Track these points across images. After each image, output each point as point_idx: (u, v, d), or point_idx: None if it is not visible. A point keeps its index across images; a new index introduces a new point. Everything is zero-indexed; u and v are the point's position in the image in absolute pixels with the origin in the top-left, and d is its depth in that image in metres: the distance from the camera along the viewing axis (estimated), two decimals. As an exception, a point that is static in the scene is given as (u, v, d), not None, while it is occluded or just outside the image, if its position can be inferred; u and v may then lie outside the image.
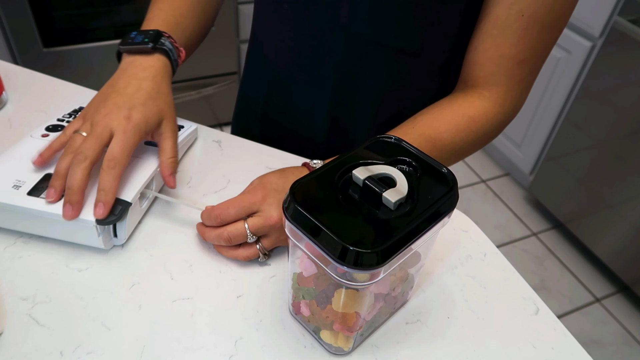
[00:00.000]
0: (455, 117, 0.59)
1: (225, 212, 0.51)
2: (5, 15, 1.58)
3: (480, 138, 0.61)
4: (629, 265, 1.64)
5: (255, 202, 0.52)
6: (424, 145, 0.57)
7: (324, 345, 0.48)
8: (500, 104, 0.59)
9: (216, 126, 2.15)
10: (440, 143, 0.58)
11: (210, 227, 0.53)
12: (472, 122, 0.59)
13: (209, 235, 0.53)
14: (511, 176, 2.15)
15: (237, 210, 0.51)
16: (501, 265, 0.58)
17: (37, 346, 0.45)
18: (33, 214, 0.52)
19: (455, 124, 0.58)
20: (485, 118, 0.59)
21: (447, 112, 0.59)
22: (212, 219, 0.52)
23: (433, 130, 0.58)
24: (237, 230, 0.51)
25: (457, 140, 0.59)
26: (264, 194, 0.52)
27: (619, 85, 1.54)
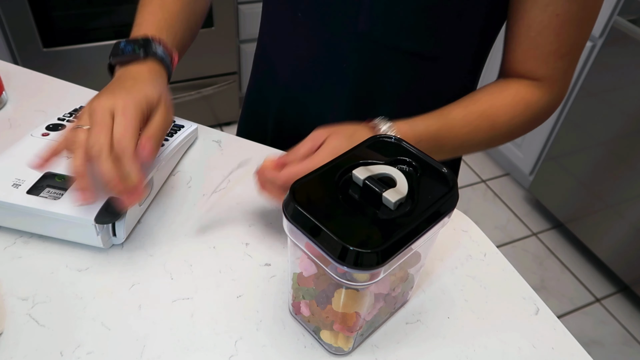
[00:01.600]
0: (513, 101, 0.60)
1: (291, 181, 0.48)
2: (5, 15, 1.58)
3: (531, 123, 0.62)
4: (629, 265, 1.64)
5: None
6: (484, 123, 0.59)
7: (324, 345, 0.48)
8: (549, 93, 0.61)
9: (216, 126, 2.15)
10: (498, 124, 0.60)
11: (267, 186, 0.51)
12: (528, 108, 0.60)
13: (265, 193, 0.51)
14: (511, 176, 2.15)
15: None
16: (501, 265, 0.58)
17: (37, 346, 0.45)
18: (32, 212, 0.52)
19: (513, 107, 0.60)
20: (538, 105, 0.61)
21: (506, 94, 0.60)
22: (275, 183, 0.50)
23: (493, 110, 0.59)
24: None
25: (512, 123, 0.60)
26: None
27: (619, 85, 1.54)
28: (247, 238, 0.57)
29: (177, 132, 0.65)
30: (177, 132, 0.65)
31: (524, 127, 0.62)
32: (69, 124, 0.64)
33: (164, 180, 0.63)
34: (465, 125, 0.58)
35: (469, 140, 0.59)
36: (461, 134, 0.58)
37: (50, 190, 0.54)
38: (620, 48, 1.52)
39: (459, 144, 0.59)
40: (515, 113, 0.60)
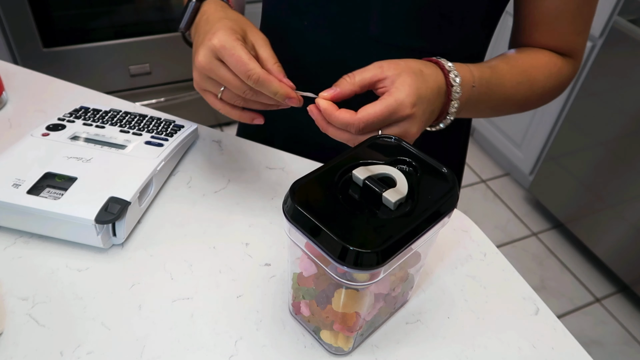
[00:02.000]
0: (549, 63, 0.61)
1: (370, 127, 0.46)
2: (5, 15, 1.58)
3: (558, 88, 0.63)
4: (629, 265, 1.64)
5: (402, 116, 0.47)
6: (525, 81, 0.59)
7: (324, 345, 0.48)
8: (571, 64, 0.63)
9: (216, 126, 2.15)
10: (536, 83, 0.60)
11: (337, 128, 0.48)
12: (560, 73, 0.62)
13: (333, 133, 0.48)
14: (511, 176, 2.15)
15: (381, 123, 0.47)
16: (501, 265, 0.58)
17: (37, 346, 0.45)
18: (32, 212, 0.52)
19: (549, 70, 0.61)
20: (567, 72, 0.63)
21: (541, 56, 0.61)
22: (351, 129, 0.47)
23: (533, 69, 0.60)
24: (368, 135, 0.47)
25: (546, 85, 0.61)
26: (413, 108, 0.46)
27: (619, 85, 1.54)
28: (247, 238, 0.57)
29: (177, 132, 0.65)
30: (177, 132, 0.65)
31: (552, 91, 0.63)
32: (70, 124, 0.64)
33: (164, 180, 0.63)
34: (510, 80, 0.58)
35: (512, 96, 0.59)
36: (506, 87, 0.58)
37: (50, 190, 0.54)
38: (620, 48, 1.51)
39: (504, 97, 0.58)
40: (551, 74, 0.61)
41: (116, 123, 0.65)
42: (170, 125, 0.67)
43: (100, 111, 0.67)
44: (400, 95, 0.46)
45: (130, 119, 0.66)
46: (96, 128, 0.64)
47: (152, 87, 1.91)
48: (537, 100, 0.63)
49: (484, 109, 0.58)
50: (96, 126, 0.64)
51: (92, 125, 0.64)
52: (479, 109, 0.57)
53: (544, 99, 0.63)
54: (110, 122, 0.65)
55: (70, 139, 0.61)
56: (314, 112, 0.49)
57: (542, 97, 0.63)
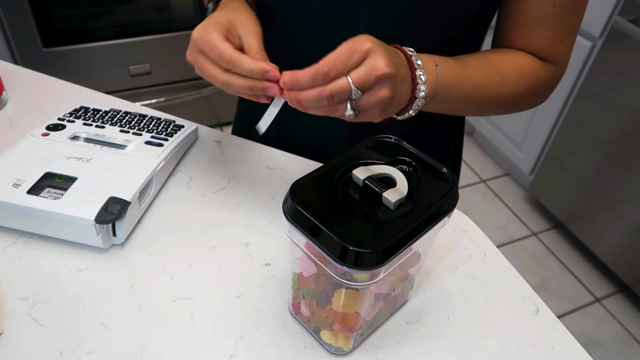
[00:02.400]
0: (521, 62, 0.60)
1: (334, 69, 0.45)
2: (5, 15, 1.58)
3: (535, 90, 0.62)
4: (629, 265, 1.64)
5: (363, 52, 0.45)
6: (495, 74, 0.58)
7: (324, 345, 0.48)
8: (551, 69, 0.62)
9: (216, 126, 2.15)
10: (507, 80, 0.59)
11: (308, 88, 0.46)
12: (535, 73, 0.60)
13: (307, 97, 0.46)
14: (511, 176, 2.14)
15: (344, 63, 0.45)
16: (501, 265, 0.58)
17: (37, 346, 0.45)
18: (32, 212, 0.52)
19: (522, 68, 0.59)
20: (544, 75, 0.61)
21: (514, 55, 0.60)
22: (317, 79, 0.45)
23: (504, 65, 0.59)
24: (341, 86, 0.45)
25: (520, 84, 0.60)
26: (371, 42, 0.46)
27: (619, 85, 1.54)
28: (247, 238, 0.57)
29: (177, 132, 0.65)
30: (177, 132, 0.65)
31: (529, 94, 0.61)
32: (70, 124, 0.64)
33: (164, 180, 0.63)
34: (478, 70, 0.57)
35: (482, 88, 0.57)
36: (475, 77, 0.57)
37: (50, 190, 0.54)
38: (620, 48, 1.51)
39: (474, 87, 0.57)
40: (524, 73, 0.59)
41: (116, 123, 0.65)
42: (170, 125, 0.67)
43: (100, 111, 0.67)
44: (355, 37, 0.46)
45: (130, 119, 0.66)
46: (96, 128, 0.64)
47: (152, 87, 1.91)
48: (514, 99, 0.61)
49: (455, 98, 0.56)
50: (96, 126, 0.64)
51: (92, 125, 0.64)
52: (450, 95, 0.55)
53: (522, 99, 0.62)
54: (110, 122, 0.65)
55: (70, 139, 0.61)
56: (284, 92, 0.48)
57: (518, 97, 0.61)
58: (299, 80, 0.46)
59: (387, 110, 0.48)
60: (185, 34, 1.83)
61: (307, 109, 0.48)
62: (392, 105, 0.48)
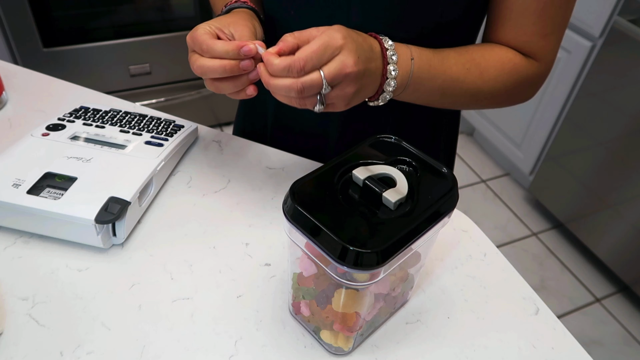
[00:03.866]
0: (503, 58, 0.60)
1: (309, 63, 0.46)
2: (5, 15, 1.58)
3: (516, 88, 0.62)
4: (629, 265, 1.64)
5: (336, 47, 0.46)
6: (474, 69, 0.58)
7: (324, 345, 0.48)
8: (536, 66, 0.61)
9: (216, 126, 2.15)
10: (486, 75, 0.59)
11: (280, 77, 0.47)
12: (515, 70, 0.60)
13: (277, 85, 0.47)
14: (511, 176, 2.14)
15: (319, 58, 0.46)
16: (501, 265, 0.58)
17: (37, 346, 0.45)
18: (32, 212, 0.52)
19: (502, 64, 0.59)
20: (525, 72, 0.61)
21: (497, 51, 0.60)
22: (292, 71, 0.46)
23: (484, 60, 0.59)
24: (313, 81, 0.46)
25: (499, 80, 0.60)
26: (344, 39, 0.47)
27: (619, 85, 1.54)
28: (247, 238, 0.57)
29: (177, 132, 0.65)
30: (177, 132, 0.65)
31: (508, 90, 0.61)
32: (70, 124, 0.64)
33: (164, 180, 0.63)
34: (456, 64, 0.57)
35: (458, 81, 0.58)
36: (452, 71, 0.57)
37: (50, 190, 0.54)
38: (620, 48, 1.51)
39: (449, 80, 0.57)
40: (504, 70, 0.59)
41: (116, 123, 0.65)
42: (170, 125, 0.67)
43: (100, 111, 0.67)
44: (329, 32, 0.47)
45: (130, 119, 0.66)
46: (96, 128, 0.64)
47: (152, 87, 1.91)
48: (493, 94, 0.61)
49: (429, 90, 0.57)
50: (96, 126, 0.64)
51: (92, 125, 0.64)
52: (423, 87, 0.56)
53: (502, 94, 0.61)
54: (110, 122, 0.65)
55: (70, 139, 0.61)
56: (260, 69, 0.49)
57: (497, 92, 0.61)
58: (273, 65, 0.47)
59: (351, 102, 0.51)
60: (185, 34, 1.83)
61: (275, 94, 0.49)
62: (357, 97, 0.51)
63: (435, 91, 0.57)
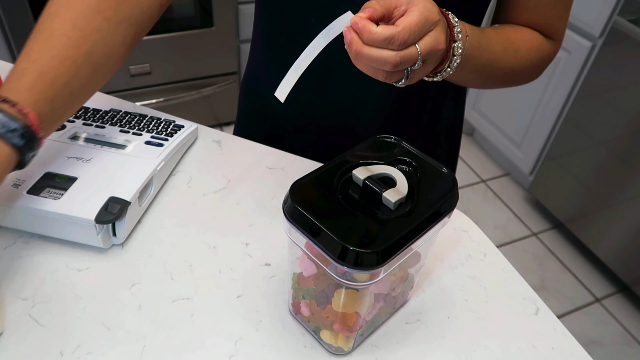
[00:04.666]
0: (532, 37, 0.62)
1: (412, 37, 0.43)
2: (5, 15, 1.58)
3: (539, 64, 0.64)
4: (629, 265, 1.64)
5: (433, 23, 0.45)
6: (510, 48, 0.59)
7: (324, 345, 0.48)
8: (552, 44, 0.65)
9: (216, 126, 2.15)
10: (519, 53, 0.60)
11: (377, 48, 0.44)
12: (542, 48, 0.63)
13: (372, 55, 0.44)
14: (511, 176, 2.14)
15: (420, 31, 0.44)
16: (501, 265, 0.58)
17: (37, 346, 0.45)
18: (32, 212, 0.52)
19: (531, 42, 0.62)
20: (548, 49, 0.64)
21: (525, 30, 0.62)
22: (393, 43, 0.43)
23: (517, 39, 0.61)
24: (411, 55, 0.44)
25: (528, 57, 0.61)
26: (439, 15, 0.46)
27: (619, 85, 1.54)
28: (247, 238, 0.57)
29: (177, 132, 0.65)
30: (177, 132, 0.65)
31: (534, 67, 0.63)
32: (70, 123, 0.64)
33: (164, 180, 0.63)
34: (497, 43, 0.58)
35: (498, 60, 0.59)
36: (494, 50, 0.58)
37: (50, 190, 0.54)
38: (620, 48, 1.51)
39: (491, 59, 0.58)
40: (533, 47, 0.62)
41: (116, 123, 0.65)
42: (170, 125, 0.67)
43: (100, 111, 0.67)
44: (426, 4, 0.45)
45: (130, 119, 0.66)
46: (96, 128, 0.64)
47: (152, 87, 1.91)
48: (521, 72, 0.63)
49: (473, 69, 0.57)
50: (96, 126, 0.64)
51: (92, 125, 0.64)
52: (469, 66, 0.55)
53: (526, 72, 0.64)
54: (110, 122, 0.65)
55: (70, 138, 0.61)
56: (349, 34, 0.45)
57: (524, 70, 0.63)
58: (373, 34, 0.43)
59: (415, 79, 0.48)
60: (185, 34, 1.83)
61: (360, 64, 0.46)
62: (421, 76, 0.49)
63: (477, 70, 0.57)
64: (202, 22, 1.84)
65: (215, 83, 2.01)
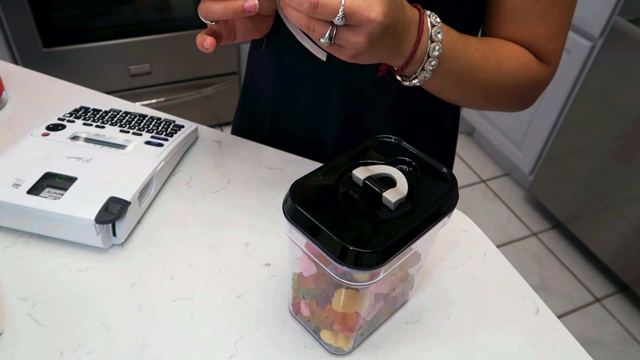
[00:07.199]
0: (519, 52, 0.58)
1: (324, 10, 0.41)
2: (5, 15, 1.58)
3: (527, 85, 0.60)
4: (629, 265, 1.64)
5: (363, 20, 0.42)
6: (492, 59, 0.56)
7: (324, 345, 0.48)
8: (546, 70, 0.61)
9: (216, 126, 2.15)
10: (503, 67, 0.57)
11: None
12: (530, 67, 0.59)
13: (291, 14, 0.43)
14: (511, 176, 2.14)
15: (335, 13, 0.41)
16: (501, 265, 0.58)
17: (37, 346, 0.45)
18: (32, 212, 0.52)
19: (518, 59, 0.58)
20: (539, 71, 0.60)
21: (512, 46, 0.59)
22: (306, 4, 0.41)
23: (502, 53, 0.58)
24: (331, 1, 0.41)
25: (514, 74, 0.58)
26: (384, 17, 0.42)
27: (619, 85, 1.54)
28: (247, 238, 0.57)
29: (177, 132, 0.65)
30: (177, 132, 0.65)
31: (520, 86, 0.60)
32: (70, 124, 0.64)
33: (164, 180, 0.63)
34: (477, 50, 0.55)
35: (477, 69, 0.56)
36: (472, 57, 0.55)
37: (50, 190, 0.54)
38: (620, 48, 1.51)
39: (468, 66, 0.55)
40: (519, 64, 0.58)
41: (116, 123, 0.65)
42: (170, 125, 0.67)
43: (100, 111, 0.67)
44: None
45: (130, 119, 0.66)
46: (96, 128, 0.64)
47: (152, 87, 1.91)
48: (504, 88, 0.59)
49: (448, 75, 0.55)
50: (96, 126, 0.64)
51: (92, 125, 0.64)
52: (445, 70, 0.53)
53: (512, 90, 0.60)
54: (110, 122, 0.65)
55: (70, 139, 0.61)
56: None
57: (508, 87, 0.59)
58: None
59: (360, 56, 0.46)
60: (185, 33, 1.83)
61: (284, 7, 0.44)
62: (367, 55, 0.46)
63: (452, 76, 0.55)
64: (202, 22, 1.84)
65: (215, 83, 2.01)
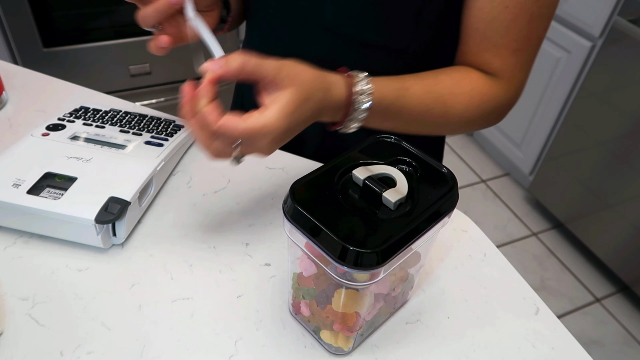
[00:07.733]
0: (472, 91, 0.58)
1: (225, 138, 0.44)
2: (5, 15, 1.58)
3: (485, 117, 0.61)
4: (629, 265, 1.64)
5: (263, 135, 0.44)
6: (438, 107, 0.57)
7: (324, 345, 0.48)
8: (505, 90, 0.60)
9: (216, 126, 2.15)
10: (451, 112, 0.58)
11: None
12: (484, 102, 0.59)
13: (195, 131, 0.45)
14: (511, 176, 2.14)
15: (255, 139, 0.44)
16: (501, 265, 0.58)
17: (37, 346, 0.45)
18: (32, 212, 0.52)
19: (471, 98, 0.58)
20: (495, 100, 0.59)
21: (466, 83, 0.58)
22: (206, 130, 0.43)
23: (450, 97, 0.57)
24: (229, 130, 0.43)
25: (465, 115, 0.59)
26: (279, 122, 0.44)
27: (619, 85, 1.54)
28: (247, 238, 0.57)
29: (177, 132, 0.65)
30: (177, 132, 0.65)
31: (476, 121, 0.60)
32: (70, 124, 0.64)
33: (164, 180, 0.63)
34: (419, 104, 0.56)
35: (422, 117, 0.57)
36: (414, 112, 0.56)
37: (50, 190, 0.54)
38: (620, 48, 1.51)
39: (410, 119, 0.57)
40: (471, 104, 0.58)
41: (116, 123, 0.65)
42: (170, 125, 0.67)
43: (100, 111, 0.67)
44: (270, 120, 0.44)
45: (130, 119, 0.66)
46: (96, 128, 0.64)
47: (152, 87, 1.91)
48: (457, 127, 0.61)
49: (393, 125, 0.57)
50: (96, 126, 0.64)
51: (92, 125, 0.64)
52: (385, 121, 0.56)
53: (467, 126, 0.61)
54: (110, 122, 0.65)
55: (70, 139, 0.61)
56: (185, 91, 0.45)
57: (463, 125, 0.60)
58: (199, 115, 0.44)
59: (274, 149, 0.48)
60: (185, 34, 1.83)
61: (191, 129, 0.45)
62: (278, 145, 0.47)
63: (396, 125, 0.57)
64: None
65: (215, 83, 2.00)
